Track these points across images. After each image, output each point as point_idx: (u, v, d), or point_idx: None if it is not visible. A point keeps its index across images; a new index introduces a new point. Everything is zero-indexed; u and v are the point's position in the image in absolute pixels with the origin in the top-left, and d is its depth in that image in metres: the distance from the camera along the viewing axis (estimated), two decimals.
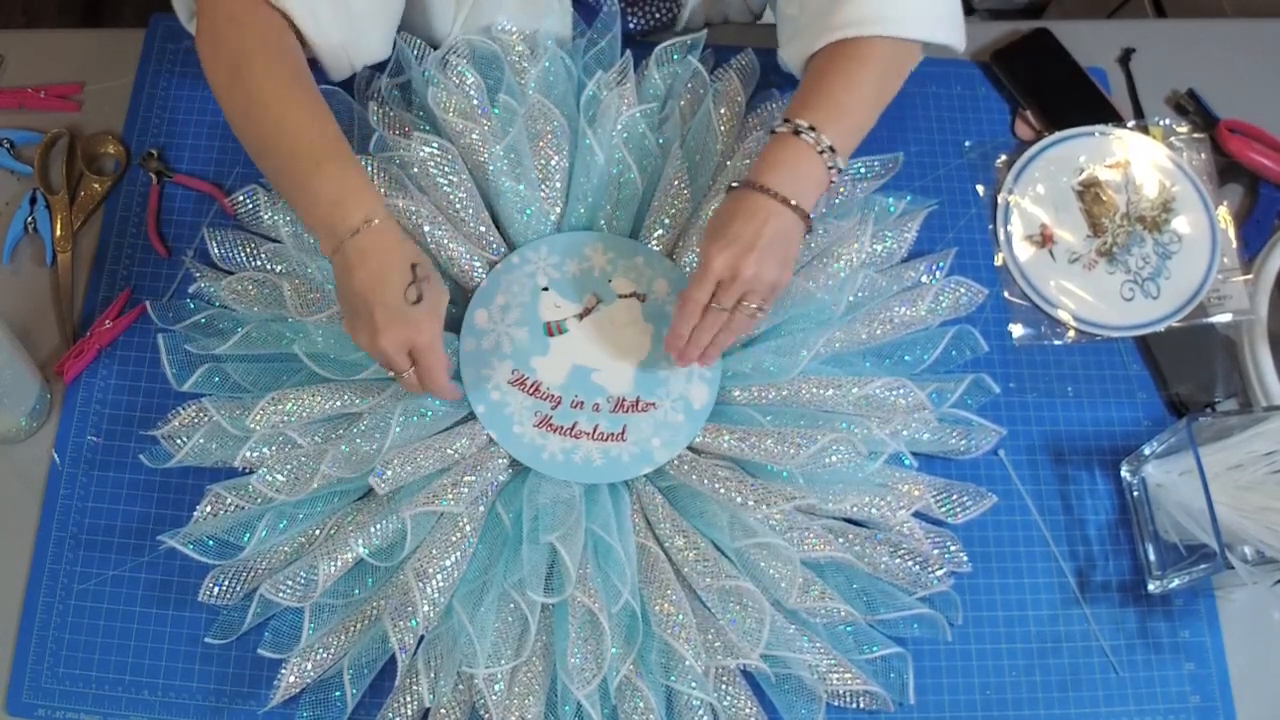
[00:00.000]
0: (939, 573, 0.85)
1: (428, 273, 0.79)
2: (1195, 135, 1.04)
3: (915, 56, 0.91)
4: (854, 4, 0.86)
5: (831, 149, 0.82)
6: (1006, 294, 0.98)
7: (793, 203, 0.82)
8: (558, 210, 0.94)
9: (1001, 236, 1.00)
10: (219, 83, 0.82)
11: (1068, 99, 1.04)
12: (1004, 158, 1.03)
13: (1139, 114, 1.06)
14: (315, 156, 0.78)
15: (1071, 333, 0.97)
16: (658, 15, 1.04)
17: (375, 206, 0.78)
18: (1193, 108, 1.06)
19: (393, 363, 0.79)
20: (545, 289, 0.91)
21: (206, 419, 0.85)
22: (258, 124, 0.80)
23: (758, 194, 0.82)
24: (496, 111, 0.94)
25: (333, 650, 0.81)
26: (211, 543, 0.82)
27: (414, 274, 0.78)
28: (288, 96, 0.80)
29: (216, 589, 0.82)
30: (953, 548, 0.88)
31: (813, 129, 0.82)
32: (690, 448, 0.88)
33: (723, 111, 0.97)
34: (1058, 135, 1.02)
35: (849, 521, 0.87)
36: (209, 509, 0.82)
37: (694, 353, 0.86)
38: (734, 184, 0.84)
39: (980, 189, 1.02)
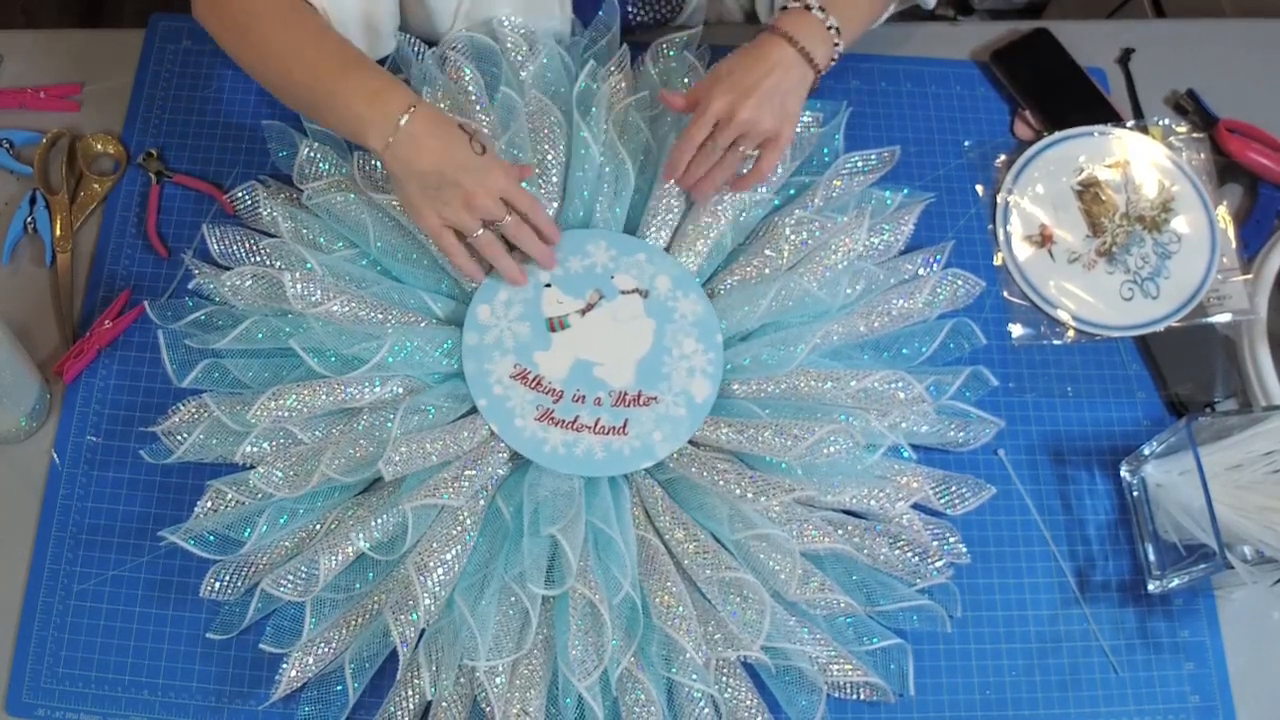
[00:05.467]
0: (938, 564, 0.85)
1: (476, 126, 0.84)
2: (1195, 135, 1.04)
3: None
4: None
5: (837, 29, 0.86)
6: (1006, 294, 0.98)
7: (807, 52, 0.84)
8: (555, 205, 0.94)
9: (1001, 236, 1.00)
10: (227, 39, 0.85)
11: (1067, 99, 1.05)
12: (1003, 158, 1.03)
13: (1138, 114, 1.06)
14: (342, 65, 0.82)
15: (1071, 332, 0.97)
16: (659, 7, 1.04)
17: (412, 93, 0.82)
18: (1192, 108, 1.06)
19: (493, 213, 0.84)
20: (548, 285, 0.91)
21: (206, 415, 0.85)
22: (276, 62, 0.83)
23: (775, 38, 0.85)
24: (495, 104, 0.94)
25: (334, 644, 0.81)
26: (212, 538, 0.82)
27: (468, 132, 0.82)
28: (300, 33, 0.83)
29: (217, 584, 0.82)
30: (952, 539, 0.88)
31: (822, 9, 0.85)
32: (690, 441, 0.88)
33: None
34: (1057, 135, 1.02)
35: (848, 513, 0.87)
36: (209, 504, 0.82)
37: (689, 181, 0.90)
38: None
39: (980, 189, 1.02)
